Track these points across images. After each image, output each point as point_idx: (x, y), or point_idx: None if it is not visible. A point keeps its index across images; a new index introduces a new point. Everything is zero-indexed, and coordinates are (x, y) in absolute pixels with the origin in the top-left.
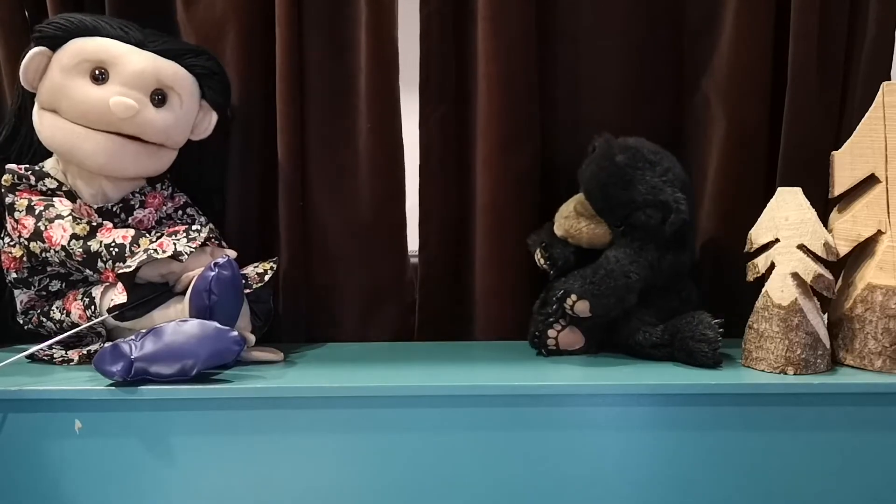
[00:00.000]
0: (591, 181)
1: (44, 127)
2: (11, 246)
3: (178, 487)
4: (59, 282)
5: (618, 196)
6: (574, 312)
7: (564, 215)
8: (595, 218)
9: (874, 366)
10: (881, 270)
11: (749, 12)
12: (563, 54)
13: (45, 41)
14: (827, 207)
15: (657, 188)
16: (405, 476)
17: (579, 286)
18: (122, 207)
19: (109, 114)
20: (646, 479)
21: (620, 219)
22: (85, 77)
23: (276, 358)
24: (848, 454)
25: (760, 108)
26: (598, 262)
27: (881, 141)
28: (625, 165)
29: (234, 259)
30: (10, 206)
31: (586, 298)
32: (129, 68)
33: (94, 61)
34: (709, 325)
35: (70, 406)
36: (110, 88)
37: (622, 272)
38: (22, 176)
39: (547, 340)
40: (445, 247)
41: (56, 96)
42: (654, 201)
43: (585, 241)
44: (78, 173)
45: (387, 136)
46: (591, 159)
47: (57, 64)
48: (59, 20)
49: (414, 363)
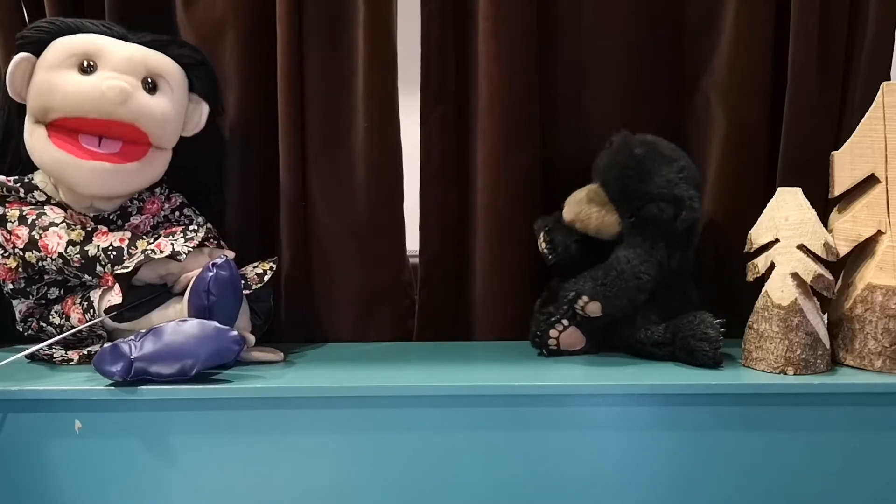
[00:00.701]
0: (608, 170)
1: (34, 149)
2: (6, 258)
3: (178, 487)
4: (57, 289)
5: (634, 186)
6: (585, 313)
7: (576, 199)
8: (607, 206)
9: (874, 366)
10: (881, 270)
11: (749, 12)
12: (564, 54)
13: (28, 47)
14: (827, 207)
15: (672, 182)
16: (405, 476)
17: (591, 287)
18: (119, 214)
19: (104, 100)
20: (646, 479)
21: (633, 210)
22: (73, 69)
23: (276, 358)
24: (848, 454)
25: (760, 108)
26: (609, 262)
27: (881, 141)
28: (643, 158)
29: (232, 259)
30: (2, 217)
31: (598, 300)
32: (117, 55)
33: (81, 54)
34: (710, 325)
35: (70, 406)
36: (101, 75)
37: (633, 273)
38: (11, 188)
39: (548, 340)
40: (446, 247)
41: (46, 96)
42: (668, 195)
43: (593, 228)
44: (69, 191)
45: (386, 136)
46: (610, 150)
47: (42, 66)
48: (41, 24)
49: (414, 363)
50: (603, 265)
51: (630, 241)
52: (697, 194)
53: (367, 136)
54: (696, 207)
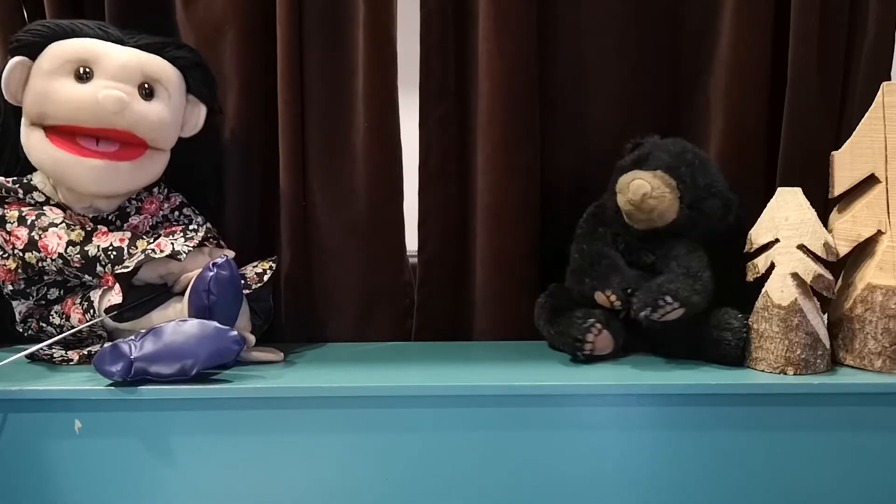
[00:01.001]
0: (676, 157)
1: (32, 149)
2: (5, 259)
3: (178, 487)
4: (57, 290)
5: (701, 177)
6: (663, 316)
7: (647, 179)
8: (674, 190)
9: (874, 366)
10: (881, 270)
11: (749, 12)
12: (564, 54)
13: (23, 50)
14: (827, 207)
15: (725, 185)
16: (405, 476)
17: (685, 295)
18: (118, 215)
19: (100, 109)
20: (645, 480)
21: (698, 200)
22: (69, 77)
23: (276, 358)
24: (848, 454)
25: (760, 108)
26: (692, 271)
27: (881, 141)
28: (703, 155)
29: (232, 259)
30: (1, 218)
31: (686, 308)
32: (113, 62)
33: (77, 60)
34: (734, 316)
35: (70, 406)
36: (97, 83)
37: (709, 278)
38: (10, 189)
39: (585, 345)
40: (445, 247)
41: (42, 103)
42: (724, 194)
43: (659, 212)
44: (68, 191)
45: (385, 135)
46: (664, 143)
47: (38, 71)
48: (36, 27)
49: (414, 363)
50: (682, 270)
51: (687, 239)
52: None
53: (367, 136)
54: (740, 215)
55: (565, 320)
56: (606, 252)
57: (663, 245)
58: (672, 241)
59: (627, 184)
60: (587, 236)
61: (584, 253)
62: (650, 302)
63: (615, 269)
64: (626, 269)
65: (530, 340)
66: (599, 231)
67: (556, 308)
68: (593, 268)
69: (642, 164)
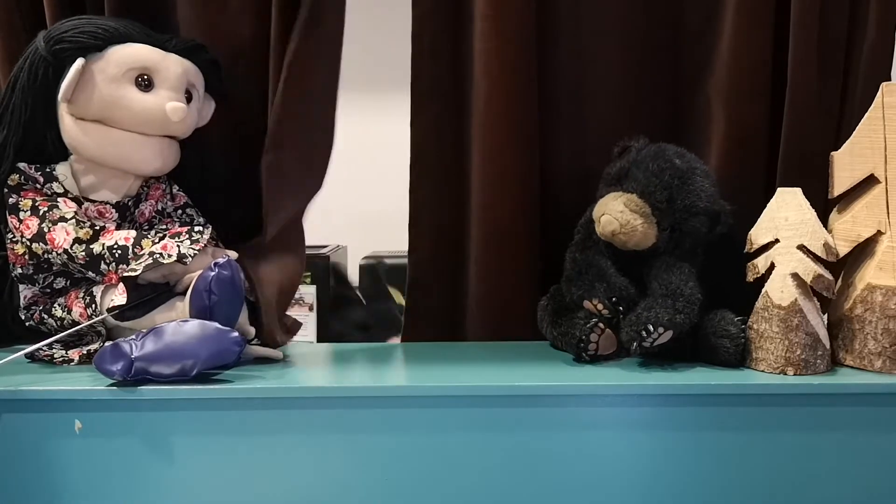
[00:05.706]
0: (652, 179)
1: (89, 138)
2: (14, 242)
3: (178, 487)
4: (63, 279)
5: (680, 198)
6: (654, 343)
7: (619, 210)
8: (648, 217)
9: (874, 366)
10: (881, 271)
11: (749, 12)
12: (562, 54)
13: (82, 52)
14: (827, 207)
15: (712, 197)
16: (405, 476)
17: (668, 318)
18: (134, 201)
19: (166, 119)
20: (646, 480)
21: (678, 221)
22: (131, 85)
23: (277, 357)
24: (848, 454)
25: (760, 108)
26: (671, 289)
27: (881, 141)
28: (686, 170)
29: (234, 259)
30: (14, 205)
31: (672, 329)
32: (170, 73)
33: (139, 69)
34: (731, 322)
35: (70, 406)
36: (161, 94)
37: (696, 297)
38: (30, 177)
39: (589, 346)
40: (437, 249)
41: (108, 108)
42: (709, 210)
43: (634, 242)
44: (104, 179)
45: None
46: (644, 158)
47: (100, 74)
48: (93, 28)
49: (414, 363)
50: (662, 291)
51: (672, 258)
52: (729, 207)
53: None
54: (730, 221)
55: (568, 321)
56: (596, 261)
57: (646, 262)
58: (651, 260)
59: (598, 218)
60: (580, 245)
61: (576, 262)
62: (634, 336)
63: (601, 277)
64: (615, 278)
65: (527, 341)
66: (593, 238)
67: (558, 310)
68: (580, 277)
69: (622, 182)
